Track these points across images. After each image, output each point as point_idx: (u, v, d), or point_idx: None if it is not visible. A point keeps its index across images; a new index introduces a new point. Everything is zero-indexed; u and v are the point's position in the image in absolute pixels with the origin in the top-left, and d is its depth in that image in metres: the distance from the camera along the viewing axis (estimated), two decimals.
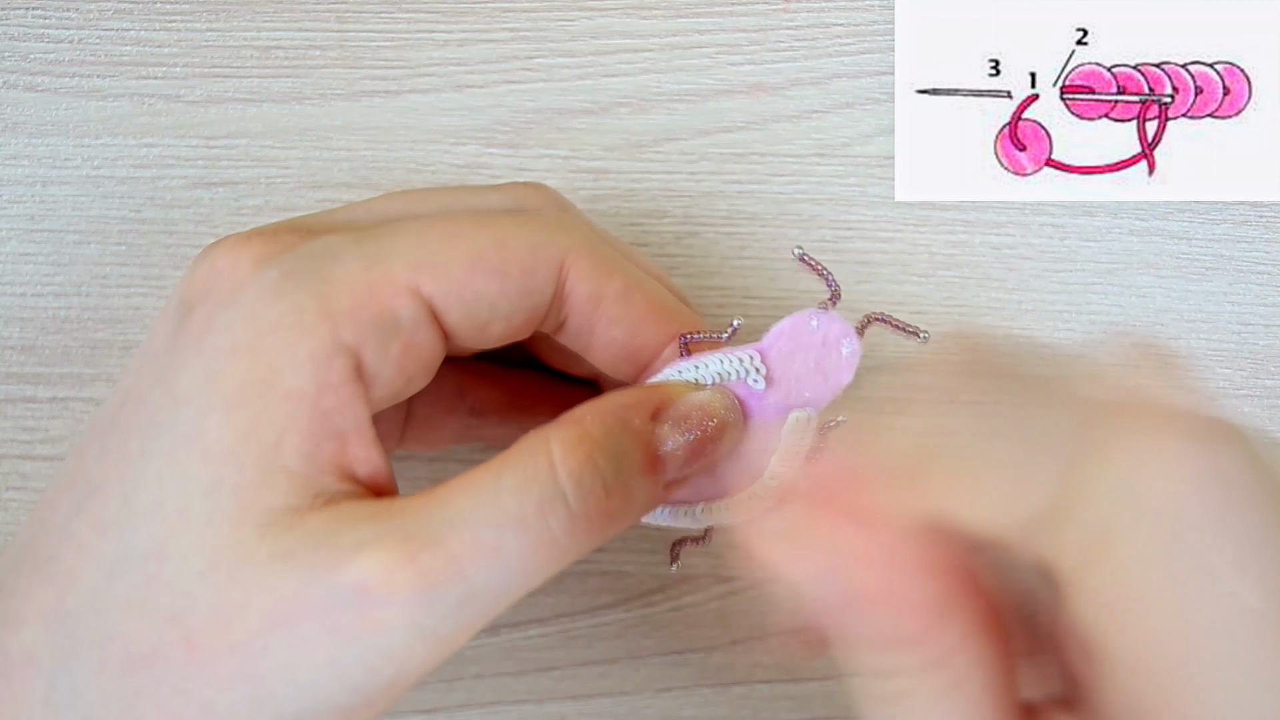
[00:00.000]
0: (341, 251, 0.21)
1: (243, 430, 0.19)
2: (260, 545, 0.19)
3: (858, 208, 0.31)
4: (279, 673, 0.19)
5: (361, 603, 0.19)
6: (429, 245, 0.21)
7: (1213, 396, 0.31)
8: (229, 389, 0.19)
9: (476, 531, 0.19)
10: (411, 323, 0.21)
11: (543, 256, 0.22)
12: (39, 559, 0.20)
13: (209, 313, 0.20)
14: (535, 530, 0.20)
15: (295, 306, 0.20)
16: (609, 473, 0.21)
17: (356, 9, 0.31)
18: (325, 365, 0.20)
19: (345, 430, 0.20)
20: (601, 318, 0.23)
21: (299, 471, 0.20)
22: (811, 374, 0.22)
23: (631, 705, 0.32)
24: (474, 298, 0.21)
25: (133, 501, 0.19)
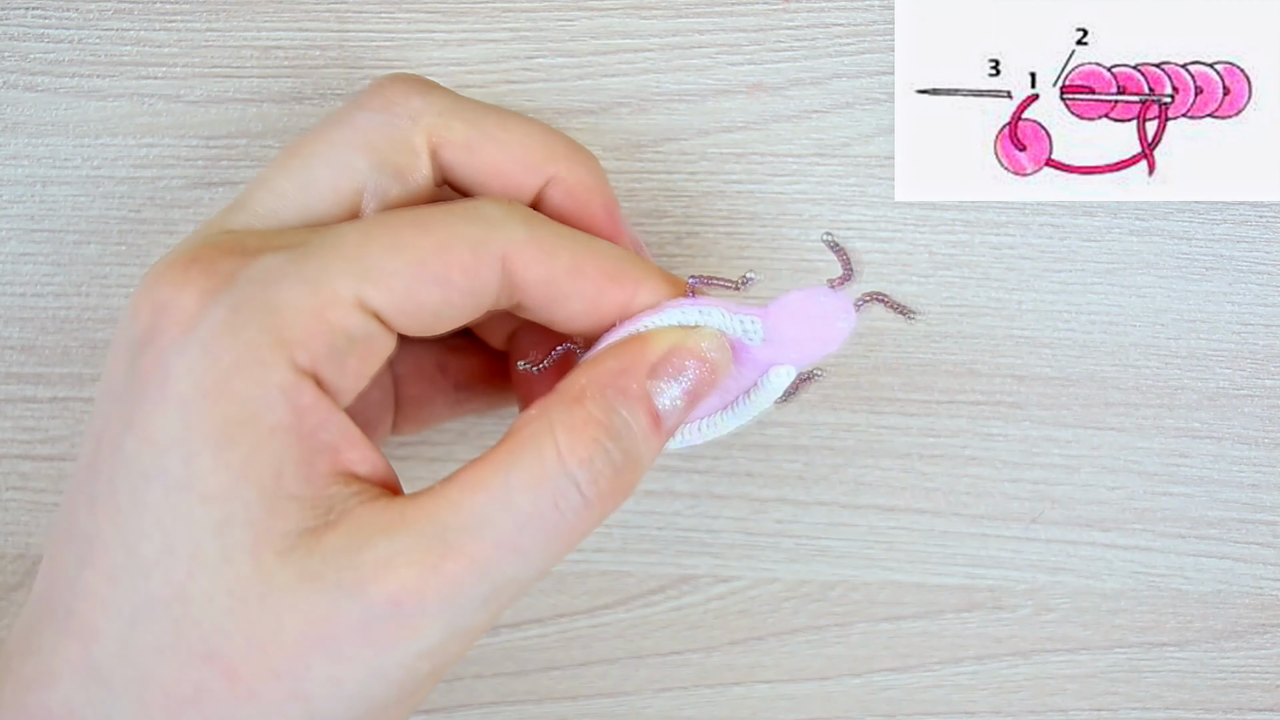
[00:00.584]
0: (284, 276, 0.21)
1: (238, 470, 0.20)
2: (284, 570, 0.20)
3: (858, 208, 0.31)
4: (326, 688, 0.20)
5: (396, 615, 0.20)
6: (370, 259, 0.21)
7: (1212, 397, 0.31)
8: (211, 432, 0.20)
9: (496, 533, 0.20)
10: (363, 336, 0.21)
11: (483, 255, 0.22)
12: (56, 614, 0.20)
13: (163, 355, 0.20)
14: (552, 522, 0.21)
15: (251, 342, 0.20)
16: (617, 452, 0.21)
17: (356, 9, 0.31)
18: (295, 393, 0.20)
19: (334, 441, 0.21)
20: (557, 296, 0.23)
21: (303, 494, 0.20)
22: (804, 341, 0.23)
23: (631, 705, 0.32)
24: (417, 306, 0.22)
25: (138, 551, 0.20)
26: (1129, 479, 0.32)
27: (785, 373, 0.24)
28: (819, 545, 0.32)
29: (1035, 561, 0.32)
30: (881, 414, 0.32)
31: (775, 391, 0.24)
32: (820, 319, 0.23)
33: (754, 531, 0.32)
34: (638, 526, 0.32)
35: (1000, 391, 0.31)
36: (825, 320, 0.23)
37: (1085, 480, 0.32)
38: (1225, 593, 0.32)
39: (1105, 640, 0.32)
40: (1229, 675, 0.32)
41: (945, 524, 0.32)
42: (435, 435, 0.32)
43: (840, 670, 0.32)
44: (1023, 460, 0.32)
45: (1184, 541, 0.32)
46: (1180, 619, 0.32)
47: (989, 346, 0.31)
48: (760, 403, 0.24)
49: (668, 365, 0.23)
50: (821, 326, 0.23)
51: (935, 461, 0.32)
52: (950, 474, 0.32)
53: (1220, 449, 0.32)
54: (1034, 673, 0.32)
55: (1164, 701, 0.33)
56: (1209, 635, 0.32)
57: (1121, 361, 0.31)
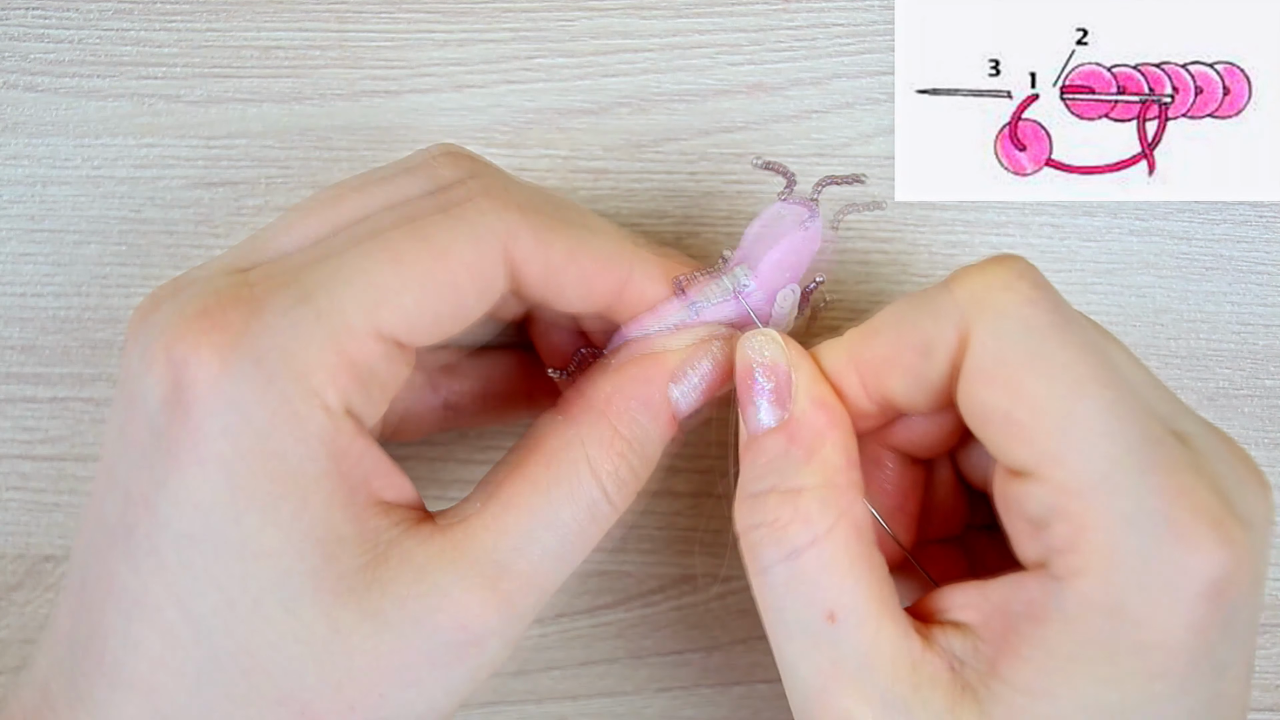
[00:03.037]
0: (298, 320, 0.21)
1: (287, 525, 0.20)
2: (348, 612, 0.21)
3: (858, 207, 0.31)
4: (401, 712, 0.21)
5: (463, 642, 0.21)
6: (376, 283, 0.21)
7: (1212, 397, 0.31)
8: (257, 493, 0.20)
9: (543, 549, 0.22)
10: (384, 364, 0.22)
11: (486, 253, 0.22)
12: (104, 665, 0.21)
13: (193, 416, 0.20)
14: (589, 530, 0.23)
15: (282, 396, 0.20)
16: (637, 460, 0.23)
17: (356, 9, 0.31)
18: (332, 439, 0.21)
19: (368, 475, 0.21)
20: (554, 285, 0.23)
21: (351, 533, 0.21)
22: (789, 256, 0.25)
23: (631, 705, 0.32)
24: (432, 318, 0.22)
25: (193, 610, 0.20)
26: None
27: (790, 292, 0.25)
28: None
29: None
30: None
31: (788, 311, 0.25)
32: (789, 227, 0.24)
33: None
34: (638, 526, 0.32)
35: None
36: (793, 226, 0.24)
37: None
38: None
39: None
40: None
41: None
42: (435, 436, 0.32)
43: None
44: None
45: None
46: None
47: None
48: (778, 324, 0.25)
49: (684, 369, 0.24)
50: (794, 237, 0.24)
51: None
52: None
53: None
54: None
55: None
56: None
57: None
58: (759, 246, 0.25)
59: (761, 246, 0.25)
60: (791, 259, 0.25)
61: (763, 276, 0.25)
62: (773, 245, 0.24)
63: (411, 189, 0.24)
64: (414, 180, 0.24)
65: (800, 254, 0.25)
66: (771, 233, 0.25)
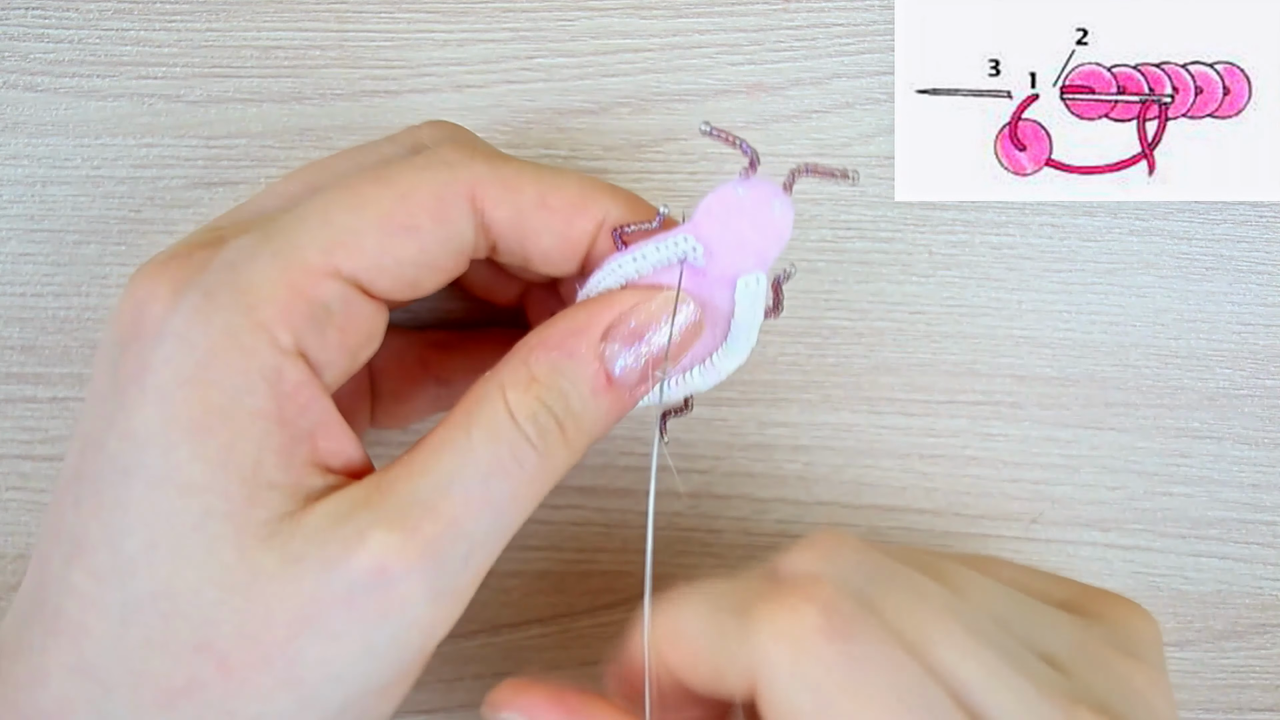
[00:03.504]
0: (254, 254, 0.21)
1: (216, 460, 0.20)
2: (268, 556, 0.19)
3: (858, 208, 0.31)
4: (317, 670, 0.20)
5: (380, 583, 0.20)
6: (336, 223, 0.21)
7: (1212, 397, 0.31)
8: (189, 423, 0.20)
9: (465, 489, 0.20)
10: (341, 304, 0.21)
11: (450, 197, 0.22)
12: (45, 612, 0.20)
13: (141, 350, 0.20)
14: (514, 473, 0.21)
15: (227, 327, 0.20)
16: (559, 408, 0.22)
17: (356, 9, 0.31)
18: (277, 377, 0.20)
19: (313, 430, 0.21)
20: (528, 232, 0.23)
21: (283, 482, 0.20)
22: (750, 238, 0.22)
23: None
24: (394, 261, 0.21)
25: (122, 548, 0.20)
26: (1129, 479, 0.32)
27: (753, 280, 0.23)
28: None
29: (1035, 561, 0.32)
30: (881, 414, 0.32)
31: (753, 304, 0.23)
32: (752, 210, 0.22)
33: (754, 531, 0.32)
34: (638, 526, 0.32)
35: (1000, 391, 0.31)
36: (757, 210, 0.22)
37: (1085, 480, 0.32)
38: (1225, 593, 0.32)
39: None
40: (1229, 675, 0.32)
41: (945, 524, 0.32)
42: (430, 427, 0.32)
43: None
44: (1023, 460, 0.32)
45: (1184, 541, 0.32)
46: (1180, 619, 0.32)
47: (989, 346, 0.31)
48: (745, 322, 0.23)
49: (623, 327, 0.22)
50: (757, 217, 0.22)
51: (935, 461, 0.32)
52: (950, 474, 0.32)
53: (1220, 449, 0.32)
54: None
55: None
56: (1209, 635, 0.32)
57: (1122, 361, 0.31)
58: (711, 223, 0.22)
59: (714, 223, 0.22)
60: (754, 241, 0.22)
61: (718, 256, 0.23)
62: (730, 224, 0.22)
63: (389, 151, 0.24)
64: (393, 145, 0.24)
65: (765, 239, 0.22)
66: (727, 210, 0.22)
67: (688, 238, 0.22)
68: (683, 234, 0.22)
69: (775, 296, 0.24)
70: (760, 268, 0.23)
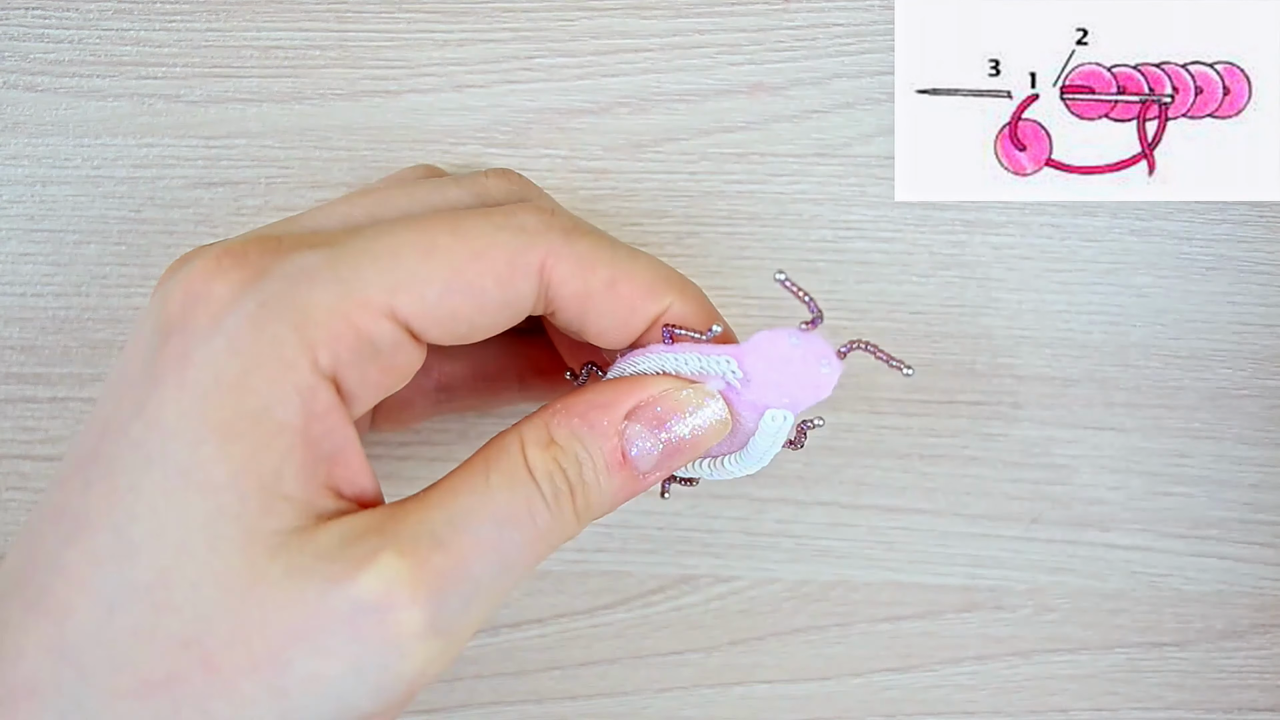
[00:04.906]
0: (316, 276, 0.21)
1: (239, 462, 0.20)
2: (273, 565, 0.20)
3: (858, 208, 0.31)
4: (304, 685, 0.20)
5: (381, 609, 0.20)
6: (404, 265, 0.21)
7: (1212, 397, 0.31)
8: (220, 423, 0.20)
9: (477, 530, 0.21)
10: (389, 346, 0.21)
11: (520, 265, 0.22)
12: (29, 590, 0.20)
13: (187, 343, 0.20)
14: (527, 527, 0.21)
15: (276, 339, 0.20)
16: (573, 474, 0.22)
17: (356, 9, 0.31)
18: (311, 396, 0.20)
19: (334, 454, 0.21)
20: (590, 310, 0.23)
21: (298, 497, 0.20)
22: (789, 384, 0.23)
23: (631, 705, 0.32)
24: (450, 316, 0.21)
25: (127, 534, 0.20)
26: (1129, 479, 0.32)
27: (780, 417, 0.23)
28: (820, 545, 0.32)
29: (1035, 561, 0.32)
30: (881, 414, 0.32)
31: (774, 436, 0.23)
32: (799, 361, 0.22)
33: (754, 531, 0.32)
34: (638, 526, 0.32)
35: (1000, 391, 0.31)
36: (805, 363, 0.22)
37: (1085, 480, 0.32)
38: (1225, 593, 0.32)
39: (1105, 640, 0.32)
40: (1229, 675, 0.32)
41: (945, 524, 0.32)
42: (436, 435, 0.32)
43: (841, 670, 0.32)
44: (1023, 460, 0.32)
45: (1184, 541, 0.32)
46: (1180, 619, 0.32)
47: (989, 346, 0.31)
48: (763, 447, 0.24)
49: (649, 411, 0.23)
50: (802, 370, 0.22)
51: (935, 461, 0.32)
52: (950, 474, 0.32)
53: (1220, 449, 0.32)
54: (1034, 673, 0.32)
55: (1164, 701, 0.32)
56: (1209, 635, 0.32)
57: (1122, 361, 0.31)
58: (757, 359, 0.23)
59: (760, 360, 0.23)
60: (792, 388, 0.23)
61: (754, 386, 0.23)
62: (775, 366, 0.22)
63: (456, 196, 0.24)
64: (460, 190, 0.24)
65: (802, 391, 0.23)
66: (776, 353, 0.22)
67: (730, 361, 0.23)
68: (728, 357, 0.23)
69: (799, 436, 0.24)
70: (791, 409, 0.23)
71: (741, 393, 0.23)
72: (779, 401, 0.23)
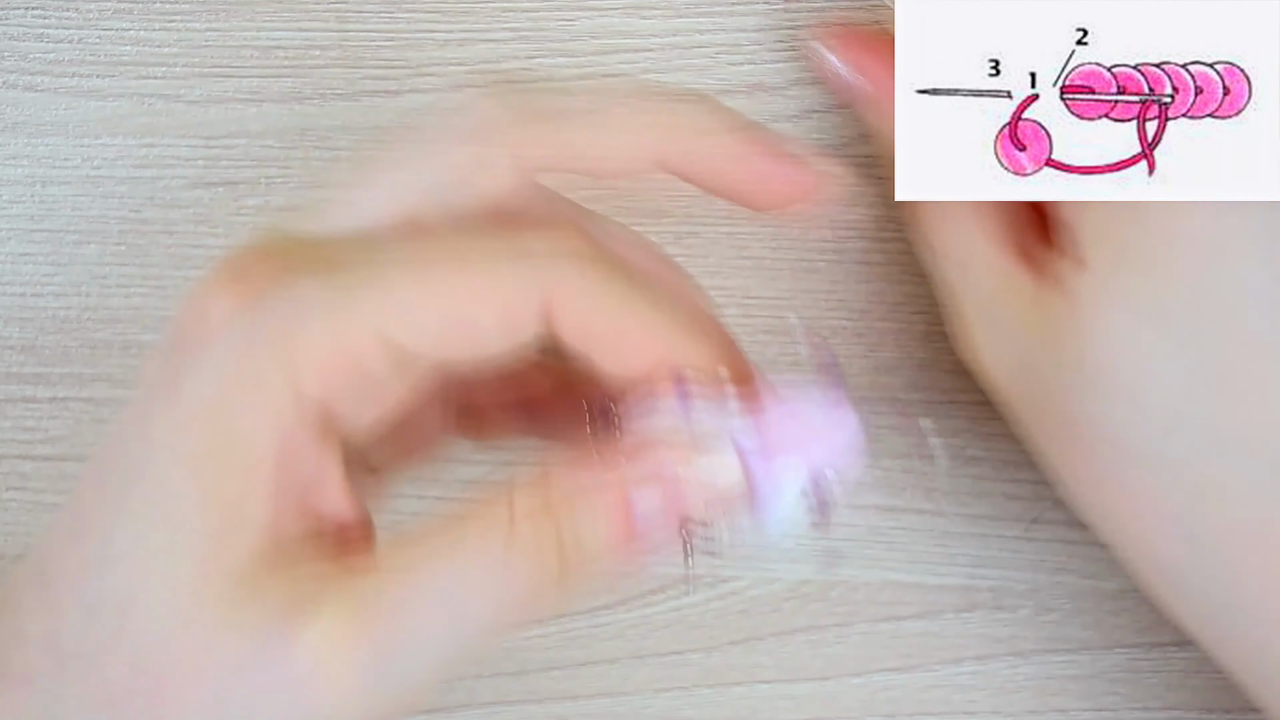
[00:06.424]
0: (308, 304, 0.21)
1: (204, 492, 0.20)
2: (219, 609, 0.20)
3: (858, 208, 0.31)
4: None
5: (315, 675, 0.20)
6: (398, 297, 0.21)
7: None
8: (194, 448, 0.20)
9: (431, 603, 0.20)
10: (382, 373, 0.21)
11: (521, 304, 0.21)
12: (39, 582, 0.21)
13: (180, 363, 0.21)
14: (492, 594, 0.20)
15: (257, 368, 0.20)
16: (567, 529, 0.21)
17: (356, 9, 0.31)
18: (289, 426, 0.20)
19: (309, 484, 0.21)
20: (594, 352, 0.22)
21: (261, 529, 0.20)
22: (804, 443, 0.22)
23: (631, 705, 0.32)
24: (445, 349, 0.21)
25: (112, 544, 0.20)
26: None
27: (795, 479, 0.22)
28: (820, 545, 0.32)
29: (1035, 561, 0.32)
30: (881, 414, 0.32)
31: (789, 497, 0.22)
32: (817, 422, 0.22)
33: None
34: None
35: None
36: (824, 424, 0.22)
37: None
38: None
39: (1105, 640, 0.32)
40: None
41: (945, 524, 0.32)
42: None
43: (840, 670, 0.32)
44: (1023, 460, 0.32)
45: None
46: None
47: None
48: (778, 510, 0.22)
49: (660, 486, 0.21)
50: (821, 429, 0.22)
51: (935, 462, 0.32)
52: (950, 474, 0.32)
53: None
54: (1034, 673, 0.32)
55: (1164, 701, 0.32)
56: None
57: None
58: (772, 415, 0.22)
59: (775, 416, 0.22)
60: (811, 452, 0.22)
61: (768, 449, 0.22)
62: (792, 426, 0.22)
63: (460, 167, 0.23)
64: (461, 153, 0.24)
65: (819, 450, 0.22)
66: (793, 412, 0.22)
67: (745, 427, 0.22)
68: (742, 421, 0.22)
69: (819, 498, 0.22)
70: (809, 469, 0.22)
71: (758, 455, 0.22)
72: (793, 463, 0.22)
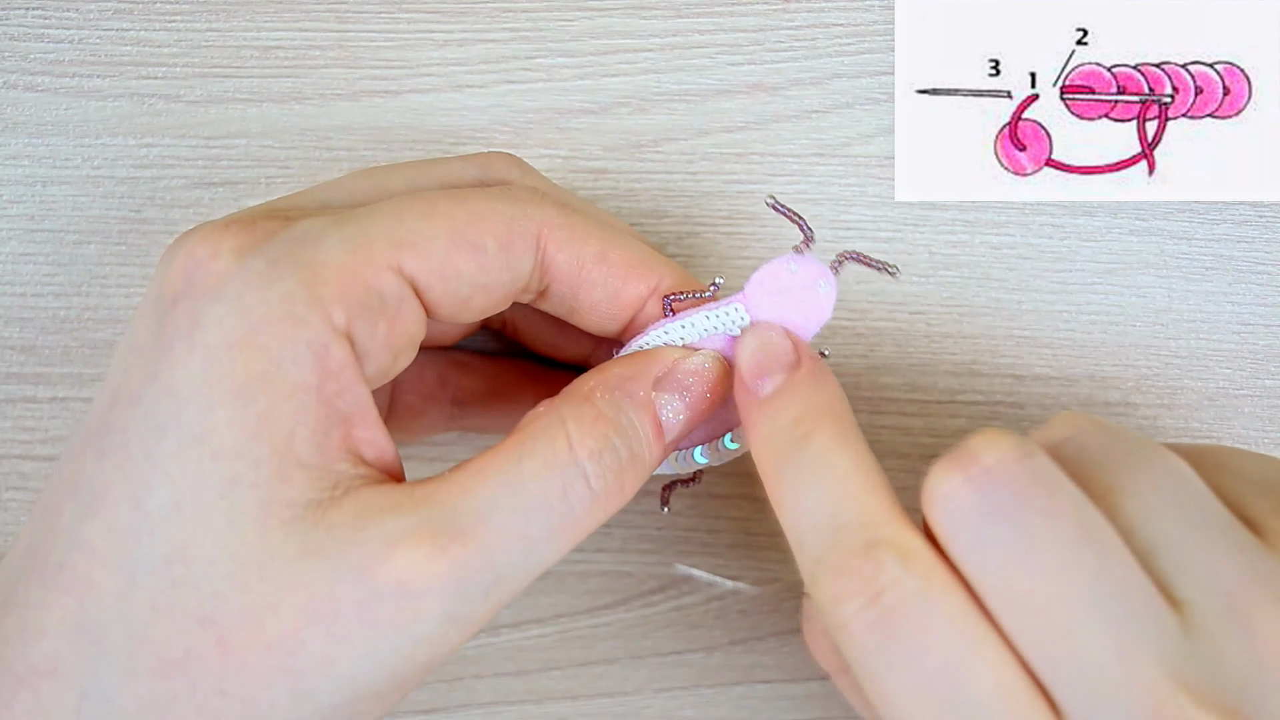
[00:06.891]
0: (323, 235, 0.21)
1: (253, 426, 0.19)
2: (288, 542, 0.19)
3: (858, 208, 0.31)
4: (318, 667, 0.19)
5: (398, 597, 0.19)
6: (408, 224, 0.21)
7: (1212, 397, 0.31)
8: (232, 385, 0.19)
9: (504, 519, 0.20)
10: (396, 300, 0.21)
11: (519, 230, 0.22)
12: (48, 567, 0.20)
13: (195, 306, 0.20)
14: (560, 512, 0.21)
15: (286, 296, 0.20)
16: (624, 449, 0.22)
17: (356, 9, 0.31)
18: (324, 353, 0.20)
19: (350, 414, 0.20)
20: (583, 282, 0.23)
21: (313, 463, 0.20)
22: (792, 315, 0.23)
23: (631, 705, 0.32)
24: (454, 274, 0.22)
25: (145, 505, 0.19)
26: None
27: None
28: None
29: None
30: (882, 414, 0.32)
31: None
32: (799, 288, 0.23)
33: (754, 531, 0.32)
34: (638, 526, 0.32)
35: (1000, 391, 0.31)
36: (805, 288, 0.23)
37: None
38: None
39: None
40: None
41: None
42: (436, 436, 0.32)
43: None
44: None
45: None
46: None
47: (989, 346, 0.31)
48: None
49: (671, 379, 0.23)
50: (803, 295, 0.23)
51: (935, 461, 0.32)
52: None
53: None
54: None
55: None
56: None
57: (1121, 361, 0.31)
58: (761, 296, 0.23)
59: (764, 297, 0.23)
60: (796, 320, 0.23)
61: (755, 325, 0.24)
62: (778, 300, 0.23)
63: (461, 171, 0.25)
64: (465, 166, 0.25)
65: (807, 318, 0.24)
66: (777, 286, 0.23)
67: (739, 307, 0.23)
68: (735, 304, 0.23)
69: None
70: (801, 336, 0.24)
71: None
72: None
